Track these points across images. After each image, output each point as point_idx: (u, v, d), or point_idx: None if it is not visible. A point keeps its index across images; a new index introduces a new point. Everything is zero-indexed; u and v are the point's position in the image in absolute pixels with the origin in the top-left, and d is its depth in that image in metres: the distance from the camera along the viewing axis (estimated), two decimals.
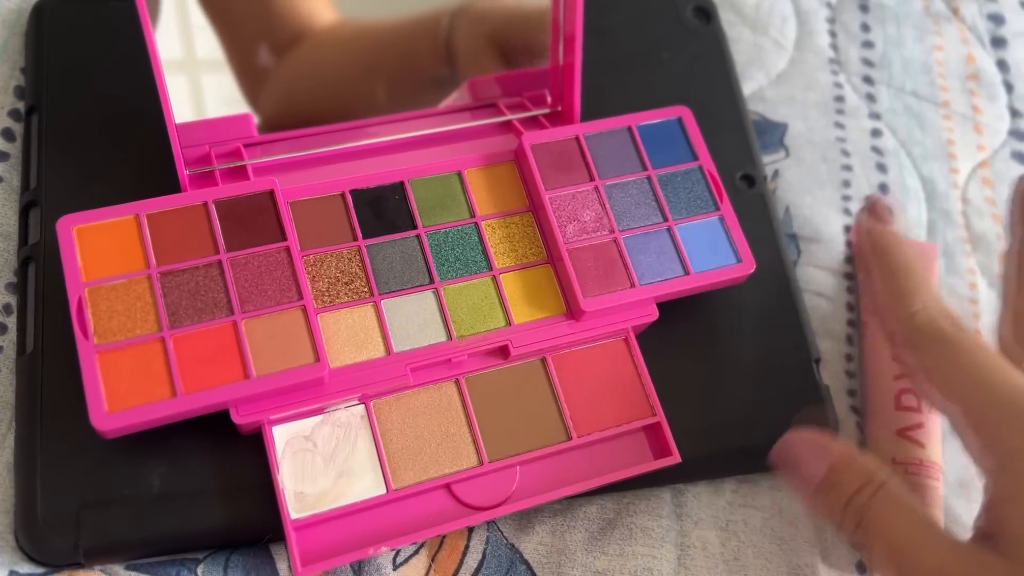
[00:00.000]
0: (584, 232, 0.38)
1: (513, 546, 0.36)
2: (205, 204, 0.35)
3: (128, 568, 0.33)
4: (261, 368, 0.33)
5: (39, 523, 0.32)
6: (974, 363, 0.32)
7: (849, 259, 0.44)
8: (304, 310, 0.34)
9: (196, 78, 0.39)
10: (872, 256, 0.37)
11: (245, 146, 0.39)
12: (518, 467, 0.35)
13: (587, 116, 0.41)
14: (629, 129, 0.40)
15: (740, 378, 0.39)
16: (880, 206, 0.41)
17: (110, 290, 0.33)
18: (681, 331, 0.40)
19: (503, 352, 0.36)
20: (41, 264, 0.36)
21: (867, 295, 0.43)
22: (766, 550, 0.38)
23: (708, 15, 0.48)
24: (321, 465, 0.33)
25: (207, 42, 0.38)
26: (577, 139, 0.39)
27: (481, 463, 0.35)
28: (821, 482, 0.33)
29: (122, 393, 0.32)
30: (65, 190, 0.38)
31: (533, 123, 0.41)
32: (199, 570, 0.34)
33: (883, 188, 0.46)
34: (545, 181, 0.38)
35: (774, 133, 0.47)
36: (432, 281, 0.36)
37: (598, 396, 0.36)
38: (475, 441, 0.35)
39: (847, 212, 0.45)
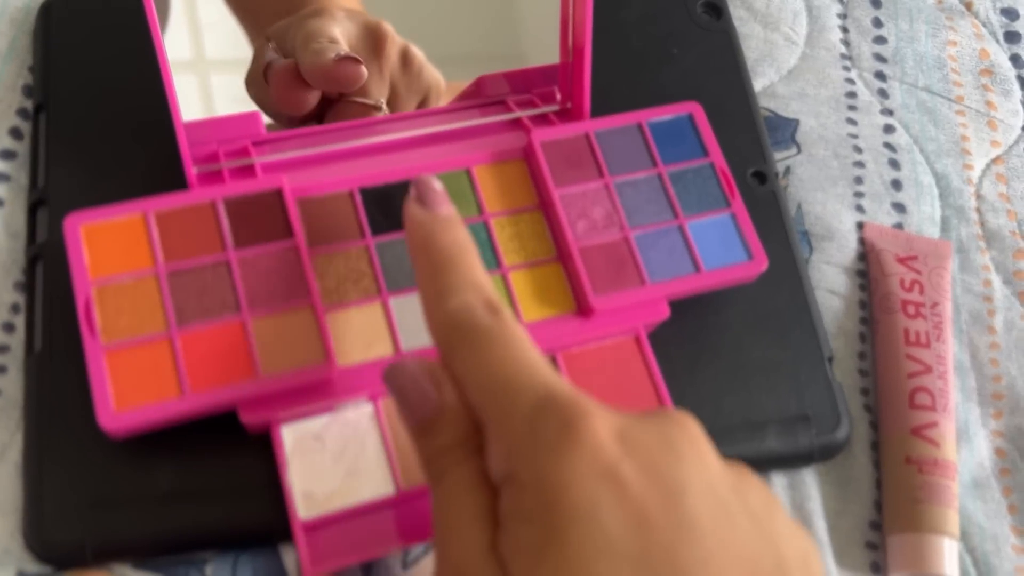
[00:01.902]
0: (594, 230, 0.37)
1: None
2: (213, 202, 0.35)
3: (136, 568, 0.33)
4: (269, 367, 0.33)
5: (47, 523, 0.32)
6: (501, 359, 0.28)
7: (862, 256, 0.44)
8: (312, 309, 0.34)
9: (204, 76, 0.39)
10: (412, 251, 0.32)
11: (253, 144, 0.38)
12: None
13: (597, 113, 0.40)
14: (639, 126, 0.40)
15: (752, 377, 0.39)
16: (426, 188, 0.33)
17: (118, 289, 0.33)
18: (692, 329, 0.39)
19: None
20: (49, 263, 0.36)
21: (878, 293, 0.42)
22: None
23: (719, 11, 0.47)
24: (330, 464, 0.33)
25: (215, 40, 0.38)
26: (587, 136, 0.39)
27: None
28: (421, 424, 0.29)
29: (130, 392, 0.32)
30: (73, 188, 0.37)
31: (543, 120, 0.41)
32: (207, 570, 0.34)
33: (896, 184, 0.46)
34: (555, 178, 0.38)
35: (785, 129, 0.47)
36: None
37: (609, 395, 0.36)
38: None
39: (860, 209, 0.45)
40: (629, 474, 0.25)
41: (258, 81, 0.39)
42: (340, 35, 0.38)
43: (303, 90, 0.39)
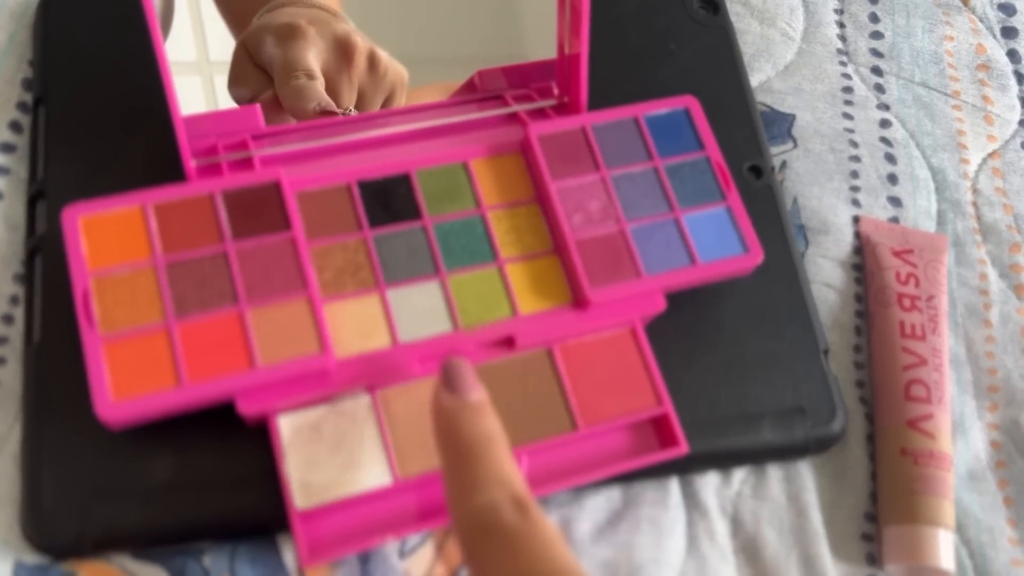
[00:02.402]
0: (591, 222, 0.38)
1: None
2: (211, 195, 0.35)
3: (134, 558, 0.33)
4: (267, 358, 0.33)
5: (45, 513, 0.33)
6: (531, 564, 0.27)
7: (857, 250, 0.44)
8: (310, 300, 0.34)
9: (202, 70, 0.39)
10: (437, 439, 0.31)
11: (252, 138, 0.39)
12: (524, 457, 0.35)
13: (594, 107, 0.40)
14: (636, 120, 0.40)
15: (748, 369, 0.39)
16: (455, 373, 0.31)
17: (116, 280, 0.33)
18: (688, 322, 0.39)
19: (509, 342, 0.36)
20: (48, 255, 0.36)
21: (874, 286, 0.43)
22: (775, 541, 0.37)
23: (716, 6, 0.47)
24: (327, 455, 0.33)
25: (213, 34, 0.38)
26: (584, 130, 0.39)
27: None
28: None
29: (128, 383, 0.32)
30: (72, 181, 0.38)
31: (540, 114, 0.41)
32: (205, 560, 0.34)
33: (892, 179, 0.46)
34: (551, 172, 0.38)
35: (782, 124, 0.47)
36: (438, 271, 0.36)
37: (605, 387, 0.36)
38: None
39: (856, 203, 0.45)
40: None
41: (237, 84, 0.40)
42: (314, 60, 0.39)
43: (284, 115, 0.40)
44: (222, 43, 0.40)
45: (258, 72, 0.40)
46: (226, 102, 0.40)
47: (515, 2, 0.45)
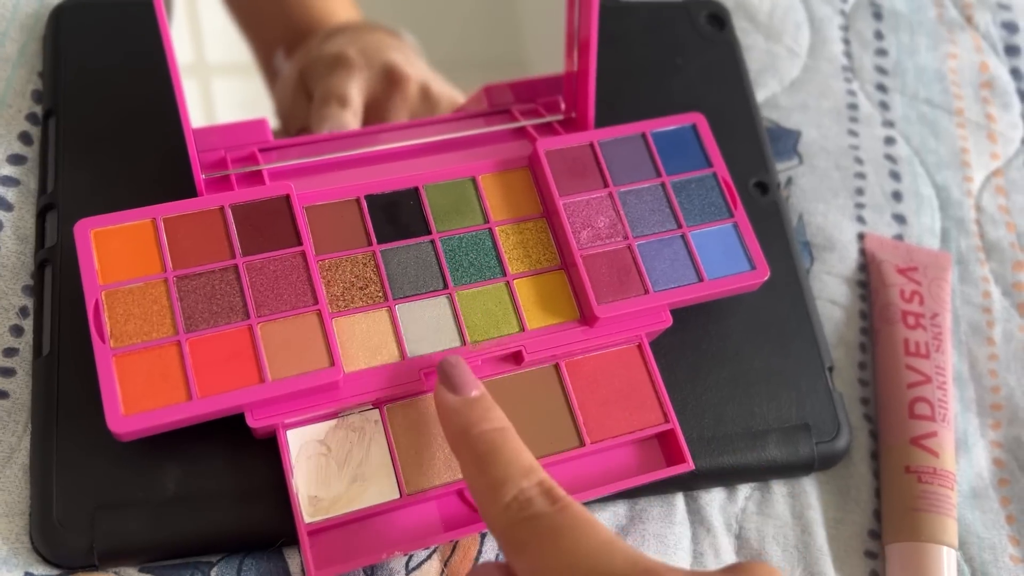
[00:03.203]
0: (598, 238, 0.38)
1: None
2: (221, 208, 0.35)
3: (142, 571, 0.33)
4: (276, 372, 0.33)
5: (54, 525, 0.33)
6: (573, 550, 0.27)
7: (862, 267, 0.44)
8: (319, 314, 0.34)
9: (213, 83, 0.39)
10: (451, 441, 0.32)
11: (261, 151, 0.39)
12: None
13: (601, 123, 0.41)
14: (643, 136, 0.40)
15: (753, 385, 0.39)
16: (450, 370, 0.32)
17: (127, 293, 0.33)
18: (694, 338, 0.40)
19: (517, 358, 0.36)
20: (58, 267, 0.36)
21: (879, 303, 0.43)
22: (779, 558, 0.37)
23: (722, 22, 0.48)
24: (335, 469, 0.33)
25: (225, 47, 0.38)
26: (591, 145, 0.40)
27: None
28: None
29: (138, 396, 0.32)
30: (82, 194, 0.38)
31: (547, 129, 0.41)
32: (212, 573, 0.34)
33: (897, 196, 0.46)
34: (559, 187, 0.38)
35: (787, 140, 0.47)
36: (446, 286, 0.36)
37: (611, 402, 0.36)
38: None
39: (860, 220, 0.45)
40: None
41: (286, 105, 0.41)
42: (357, 91, 0.39)
43: None
44: (220, 45, 0.41)
45: (308, 102, 0.41)
46: (224, 107, 0.40)
47: (520, 14, 0.45)
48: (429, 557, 0.35)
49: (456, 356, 0.33)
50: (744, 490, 0.39)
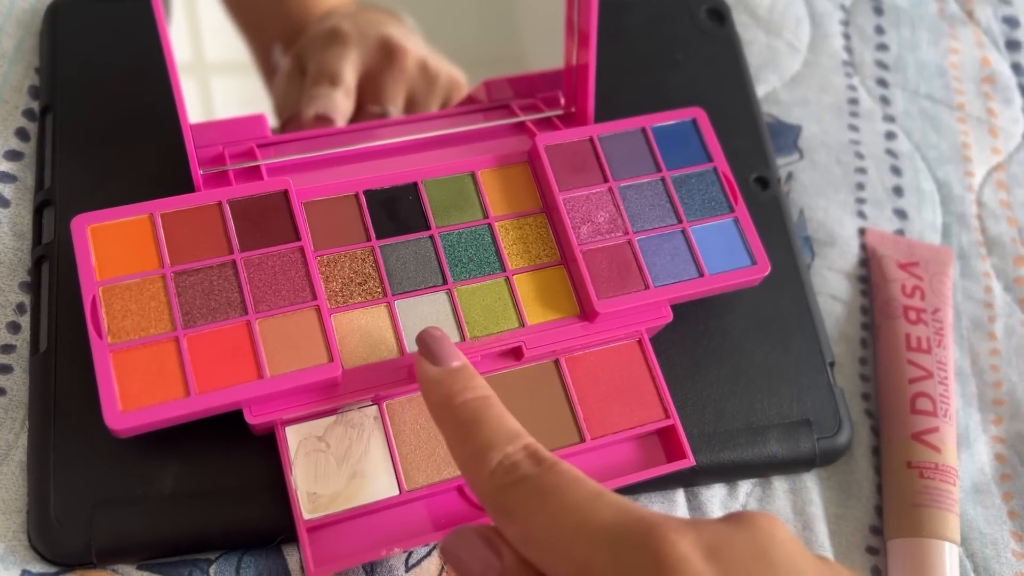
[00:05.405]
0: (598, 233, 0.38)
1: None
2: (219, 204, 0.35)
3: (140, 568, 0.33)
4: (275, 368, 0.33)
5: (52, 522, 0.32)
6: (560, 507, 0.26)
7: (863, 262, 0.44)
8: (318, 310, 0.34)
9: (210, 78, 0.39)
10: (433, 412, 0.31)
11: (259, 146, 0.39)
12: None
13: (601, 118, 0.41)
14: (643, 130, 0.40)
15: (754, 381, 0.39)
16: (430, 341, 0.32)
17: (124, 289, 0.33)
18: (695, 333, 0.39)
19: (516, 353, 0.36)
20: (55, 263, 0.36)
21: (880, 298, 0.43)
22: None
23: (722, 17, 0.47)
24: (334, 466, 0.33)
25: (222, 43, 0.38)
26: (591, 140, 0.39)
27: None
28: None
29: (136, 392, 0.32)
30: (79, 189, 0.38)
31: (547, 124, 0.41)
32: (211, 570, 0.34)
33: (898, 191, 0.46)
34: (559, 182, 0.38)
35: (788, 135, 0.47)
36: (445, 282, 0.36)
37: (612, 398, 0.36)
38: None
39: (861, 215, 0.45)
40: None
41: (283, 88, 0.40)
42: (350, 67, 0.39)
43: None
44: (218, 40, 0.40)
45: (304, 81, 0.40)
46: (222, 102, 0.40)
47: (519, 9, 0.45)
48: (429, 554, 0.35)
49: (437, 328, 0.32)
50: (745, 486, 0.39)
